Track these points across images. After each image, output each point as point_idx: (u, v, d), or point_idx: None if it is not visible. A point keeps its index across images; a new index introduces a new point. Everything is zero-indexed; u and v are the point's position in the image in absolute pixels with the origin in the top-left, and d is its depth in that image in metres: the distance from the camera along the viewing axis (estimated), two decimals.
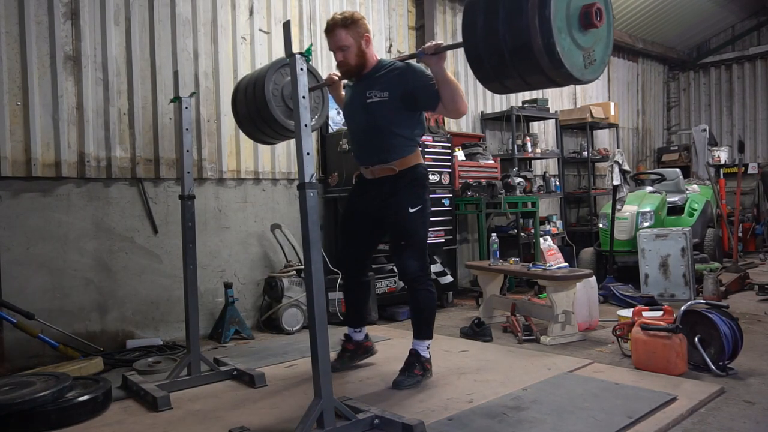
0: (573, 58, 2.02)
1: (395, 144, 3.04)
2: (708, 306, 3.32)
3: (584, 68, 2.08)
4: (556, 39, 1.92)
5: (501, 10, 2.01)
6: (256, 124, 3.23)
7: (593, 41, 2.11)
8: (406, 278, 3.12)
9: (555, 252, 4.41)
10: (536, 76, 2.09)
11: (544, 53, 1.94)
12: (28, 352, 3.65)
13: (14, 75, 3.71)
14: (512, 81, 2.18)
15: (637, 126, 9.87)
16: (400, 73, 2.99)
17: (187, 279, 3.18)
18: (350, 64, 3.03)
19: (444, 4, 6.50)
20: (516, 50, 2.00)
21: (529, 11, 1.93)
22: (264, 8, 4.92)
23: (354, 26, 2.98)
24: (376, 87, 3.01)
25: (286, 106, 3.11)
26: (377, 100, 2.99)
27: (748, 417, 2.52)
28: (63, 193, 3.90)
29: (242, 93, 3.24)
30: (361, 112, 3.08)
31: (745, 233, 8.46)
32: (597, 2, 2.07)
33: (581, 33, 2.05)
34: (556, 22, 1.92)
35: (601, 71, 2.20)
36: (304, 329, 4.45)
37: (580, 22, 2.04)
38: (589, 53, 2.09)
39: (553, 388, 2.89)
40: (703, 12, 9.32)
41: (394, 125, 3.02)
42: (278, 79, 3.10)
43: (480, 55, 2.13)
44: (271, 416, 2.66)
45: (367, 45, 3.04)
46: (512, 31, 1.98)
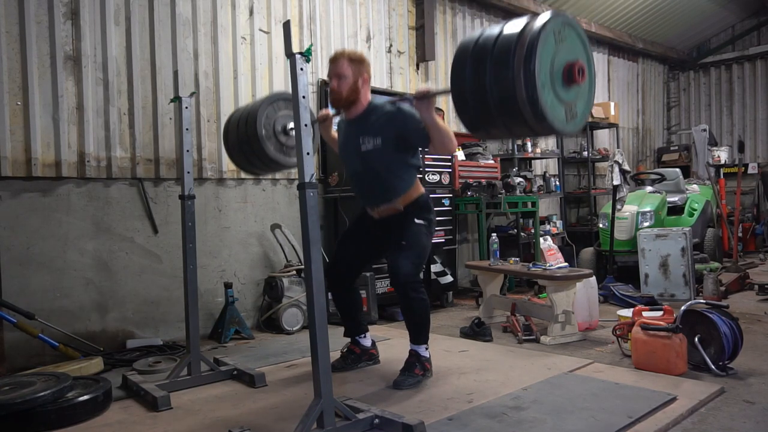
0: (555, 112, 2.09)
1: (395, 184, 3.11)
2: (708, 306, 3.32)
3: (566, 122, 2.16)
4: (540, 93, 2.00)
5: (488, 62, 2.09)
6: (246, 156, 3.26)
7: (575, 96, 2.19)
8: (396, 281, 3.02)
9: (555, 252, 4.41)
10: (520, 127, 2.16)
11: (528, 106, 2.02)
12: (28, 352, 3.66)
13: (14, 75, 3.71)
14: (497, 130, 2.27)
15: (637, 126, 9.87)
16: (391, 118, 3.02)
17: (187, 279, 3.18)
18: (341, 94, 3.06)
19: (444, 4, 6.50)
20: (501, 101, 2.08)
21: (514, 66, 2.01)
22: (264, 8, 4.92)
23: (358, 63, 3.08)
24: (369, 133, 3.05)
25: (277, 141, 3.15)
26: (371, 148, 3.05)
27: (748, 417, 2.52)
28: (63, 193, 3.90)
29: (234, 125, 3.27)
30: (357, 159, 3.12)
31: (745, 233, 8.46)
32: (579, 60, 2.15)
33: (564, 89, 2.13)
34: (540, 77, 2.00)
35: (582, 125, 2.29)
36: (304, 329, 4.45)
37: (563, 78, 2.12)
38: (570, 107, 2.17)
39: (553, 388, 2.89)
40: (703, 12, 9.33)
41: (392, 168, 3.08)
42: (270, 114, 3.14)
43: (467, 103, 2.20)
44: (271, 416, 2.66)
45: (363, 84, 3.09)
46: (498, 84, 2.06)
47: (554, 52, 2.08)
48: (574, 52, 2.18)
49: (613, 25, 8.67)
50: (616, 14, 8.48)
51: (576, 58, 2.16)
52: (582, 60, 2.18)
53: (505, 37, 2.09)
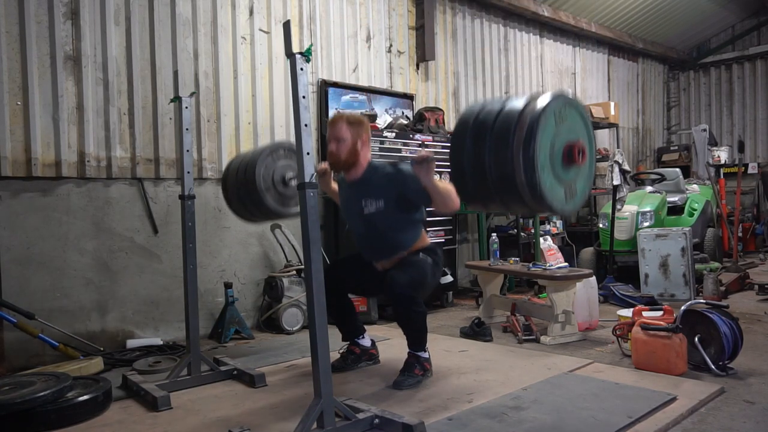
0: (555, 193, 2.08)
1: (400, 241, 3.11)
2: (708, 306, 3.32)
3: (565, 201, 2.14)
4: (539, 176, 1.99)
5: (488, 139, 2.07)
6: (245, 206, 3.29)
7: (575, 175, 2.18)
8: (393, 291, 2.93)
9: (555, 252, 4.41)
10: (519, 206, 2.16)
11: (527, 188, 2.01)
12: (28, 352, 3.66)
13: (14, 75, 3.71)
14: (495, 206, 2.26)
15: (637, 126, 9.87)
16: (391, 179, 3.03)
17: (187, 279, 3.18)
18: (340, 157, 3.06)
19: (444, 4, 6.50)
20: (500, 181, 2.06)
21: (514, 147, 1.99)
22: (264, 8, 4.92)
23: (357, 126, 3.08)
24: (370, 195, 3.05)
25: (276, 191, 3.16)
26: (374, 211, 3.05)
27: (748, 417, 2.52)
28: (63, 193, 3.90)
29: (233, 174, 3.29)
30: (360, 221, 3.13)
31: (745, 233, 8.46)
32: (580, 141, 2.13)
33: (563, 169, 2.12)
34: (540, 160, 1.99)
35: (582, 203, 2.29)
36: (304, 329, 4.45)
37: (563, 159, 2.11)
38: (570, 186, 2.16)
39: (553, 388, 2.89)
40: (703, 12, 9.32)
41: (396, 227, 3.09)
42: (269, 164, 3.15)
43: (465, 178, 2.19)
44: (271, 416, 2.66)
45: (362, 146, 3.09)
46: (497, 164, 2.05)
47: (554, 133, 2.06)
48: (575, 131, 2.15)
49: (613, 25, 8.67)
50: (616, 14, 8.48)
51: (577, 139, 2.13)
52: (583, 139, 2.16)
53: (505, 115, 2.07)
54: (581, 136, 2.17)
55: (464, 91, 6.71)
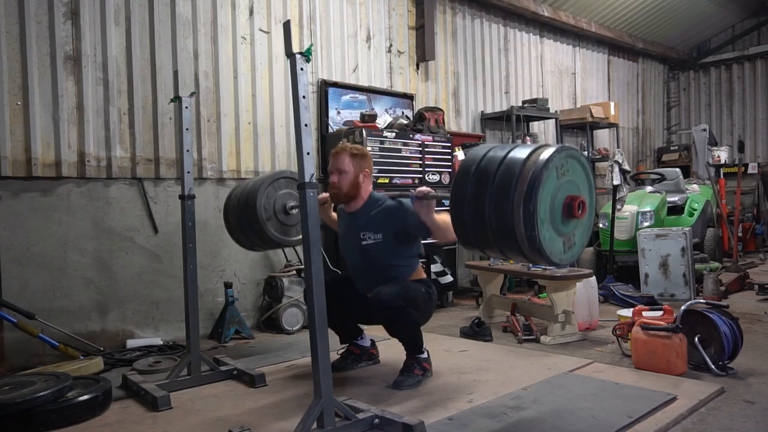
0: (553, 246, 2.09)
1: (394, 274, 3.08)
2: (708, 306, 3.32)
3: (563, 253, 2.15)
4: (539, 230, 2.00)
5: (489, 190, 2.08)
6: (247, 235, 3.30)
7: (574, 227, 2.18)
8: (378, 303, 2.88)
9: None
10: (517, 255, 2.17)
11: (526, 241, 2.02)
12: (28, 352, 3.66)
13: (14, 75, 3.71)
14: (493, 252, 2.28)
15: (637, 126, 9.87)
16: (391, 214, 3.03)
17: (187, 279, 3.18)
18: (342, 189, 3.06)
19: (444, 4, 6.50)
20: (499, 231, 2.07)
21: (515, 201, 2.00)
22: (264, 8, 4.92)
23: (360, 158, 3.08)
24: (370, 228, 3.05)
25: (277, 221, 3.18)
26: (372, 242, 3.04)
27: (748, 417, 2.52)
28: (63, 193, 3.90)
29: (234, 203, 3.30)
30: (358, 252, 3.12)
31: (745, 233, 8.46)
32: (581, 196, 2.14)
33: (563, 223, 2.13)
34: (540, 213, 2.00)
35: (580, 253, 2.29)
36: (304, 329, 4.45)
37: (563, 212, 2.12)
38: (569, 238, 2.17)
39: (553, 388, 2.89)
40: (703, 12, 9.32)
41: (393, 261, 3.08)
42: (271, 193, 3.17)
43: (465, 224, 2.19)
44: (271, 416, 2.66)
45: (364, 179, 3.10)
46: (497, 215, 2.06)
47: (556, 187, 2.07)
48: (576, 184, 2.16)
49: (613, 25, 8.67)
50: (616, 14, 8.48)
51: (578, 193, 2.14)
52: (583, 193, 2.17)
53: (507, 165, 2.07)
54: (582, 190, 2.18)
55: (464, 91, 6.71)
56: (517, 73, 7.44)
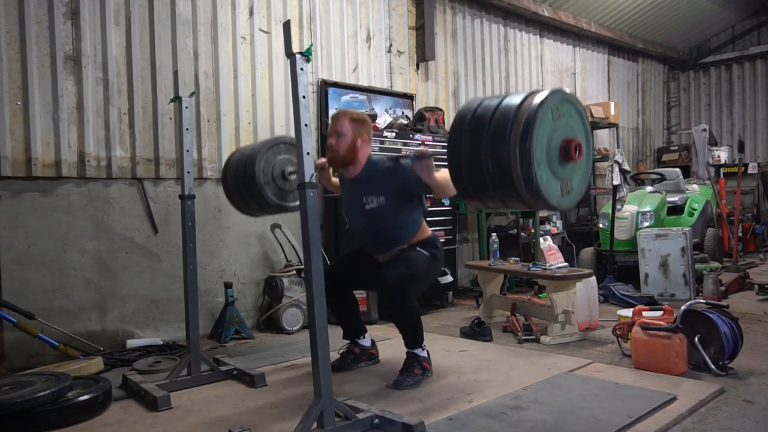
0: (550, 189, 2.09)
1: (401, 234, 3.13)
2: (708, 306, 3.32)
3: (561, 197, 2.16)
4: (535, 171, 2.00)
5: (485, 136, 2.09)
6: (244, 199, 3.28)
7: (571, 172, 2.19)
8: (383, 285, 2.97)
9: (555, 252, 4.41)
10: (515, 201, 2.17)
11: (523, 183, 2.02)
12: (28, 352, 3.66)
13: (14, 75, 3.71)
14: (492, 202, 2.26)
15: (637, 126, 9.87)
16: (391, 174, 3.04)
17: (187, 279, 3.18)
18: (339, 152, 3.07)
19: (444, 4, 6.50)
20: (497, 176, 2.08)
21: (510, 142, 2.01)
22: (264, 8, 4.92)
23: (359, 123, 3.09)
24: (371, 192, 3.07)
25: (275, 186, 3.17)
26: (375, 206, 3.06)
27: (748, 417, 2.52)
28: (63, 193, 3.90)
29: (233, 168, 3.28)
30: (362, 217, 3.14)
31: (745, 233, 8.46)
32: (577, 138, 2.15)
33: (560, 165, 2.13)
34: (536, 154, 2.00)
35: (578, 199, 2.29)
36: (304, 329, 4.45)
37: (559, 155, 2.12)
38: (566, 183, 2.17)
39: (553, 388, 2.89)
40: (703, 12, 9.32)
41: (397, 221, 3.10)
42: (270, 158, 3.15)
43: (462, 174, 2.20)
44: (271, 416, 2.66)
45: (362, 144, 3.10)
46: (494, 159, 2.06)
47: (552, 129, 2.08)
48: (572, 128, 2.17)
49: (613, 25, 8.67)
50: (616, 14, 8.48)
51: (573, 135, 2.15)
52: (580, 136, 2.17)
53: (502, 110, 2.08)
54: (578, 133, 2.19)
55: (464, 91, 6.71)
56: (517, 73, 7.45)
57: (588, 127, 2.26)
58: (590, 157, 2.28)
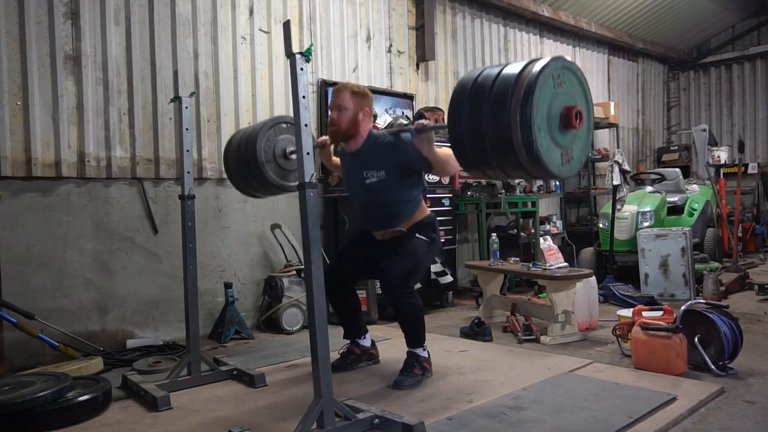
0: (551, 156, 2.09)
1: (400, 211, 3.12)
2: (708, 306, 3.32)
3: (561, 165, 2.16)
4: (536, 137, 2.00)
5: (486, 104, 2.10)
6: (246, 179, 3.28)
7: (572, 140, 2.19)
8: (386, 283, 3.02)
9: (555, 252, 4.41)
10: (515, 169, 2.17)
11: (523, 149, 2.03)
12: (28, 352, 3.66)
13: (14, 75, 3.71)
14: (493, 171, 2.27)
15: (637, 126, 9.87)
16: (392, 149, 3.04)
17: (187, 279, 3.18)
18: (340, 126, 3.07)
19: (444, 4, 6.50)
20: (497, 143, 2.08)
21: (511, 108, 2.01)
22: (264, 8, 4.92)
23: (361, 97, 3.09)
24: (372, 166, 3.06)
25: (276, 165, 3.16)
26: (376, 180, 3.06)
27: (748, 417, 2.52)
28: (63, 193, 3.90)
29: (234, 148, 3.28)
30: (362, 191, 3.14)
31: (745, 233, 8.46)
32: (578, 106, 2.15)
33: (561, 133, 2.13)
34: (537, 121, 2.01)
35: (579, 168, 2.30)
36: (304, 329, 4.45)
37: (560, 122, 2.12)
38: (567, 151, 2.17)
39: (553, 388, 2.89)
40: (703, 12, 9.33)
41: (397, 197, 3.10)
42: (271, 137, 3.15)
43: (463, 142, 2.20)
44: (271, 416, 2.66)
45: (363, 118, 3.11)
46: (494, 125, 2.07)
47: (552, 96, 2.08)
48: (573, 95, 2.17)
49: (613, 25, 8.67)
50: (616, 14, 8.48)
51: (574, 103, 2.15)
52: (580, 105, 2.17)
53: (503, 78, 2.09)
54: (579, 102, 2.19)
55: None
56: None
57: (589, 96, 2.26)
58: (591, 128, 2.28)
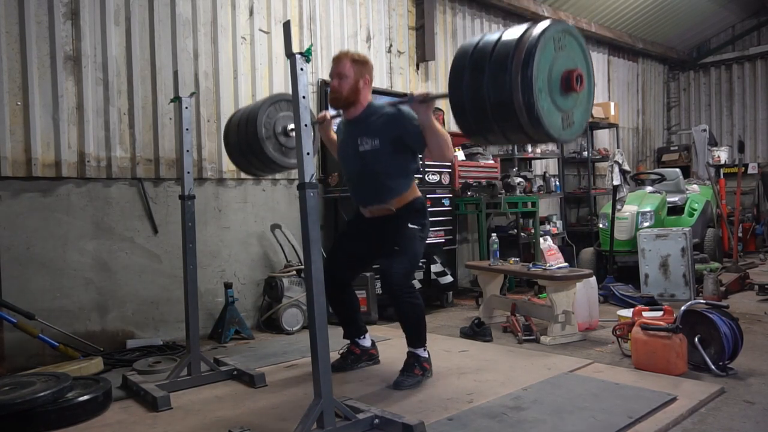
0: (552, 119, 2.10)
1: (391, 185, 3.10)
2: (708, 306, 3.32)
3: (562, 129, 2.16)
4: (537, 99, 2.01)
5: (487, 67, 2.11)
6: (246, 156, 3.27)
7: (573, 105, 2.20)
8: (388, 286, 3.03)
9: (555, 252, 4.41)
10: (516, 133, 2.17)
11: (524, 111, 2.03)
12: (28, 352, 3.65)
13: (14, 75, 3.71)
14: (494, 136, 2.27)
15: (637, 126, 9.87)
16: (390, 120, 3.03)
17: (187, 279, 3.18)
18: (342, 93, 3.07)
19: (444, 4, 6.50)
20: (498, 106, 2.09)
21: (512, 70, 2.02)
22: (264, 8, 4.92)
23: (361, 64, 3.10)
24: (367, 134, 3.06)
25: (277, 141, 3.16)
26: (369, 149, 3.05)
27: (748, 417, 2.52)
28: (63, 193, 3.90)
29: (234, 126, 3.28)
30: (355, 159, 3.12)
31: (745, 233, 8.46)
32: (578, 69, 2.16)
33: (561, 96, 2.14)
34: (538, 83, 2.02)
35: (579, 133, 2.30)
36: (304, 329, 4.45)
37: (560, 85, 2.13)
38: (568, 115, 2.18)
39: (553, 388, 2.89)
40: (703, 12, 9.33)
41: (389, 169, 3.08)
42: (272, 114, 3.15)
43: (464, 107, 2.21)
44: (271, 416, 2.66)
45: (364, 85, 3.11)
46: (495, 88, 2.08)
47: (553, 59, 2.09)
48: (573, 60, 2.18)
49: (613, 25, 8.67)
50: (616, 14, 8.48)
51: (575, 66, 2.16)
52: (581, 68, 2.18)
53: (504, 42, 2.10)
54: (579, 66, 2.20)
55: None
56: None
57: (590, 61, 2.27)
58: (591, 93, 2.29)
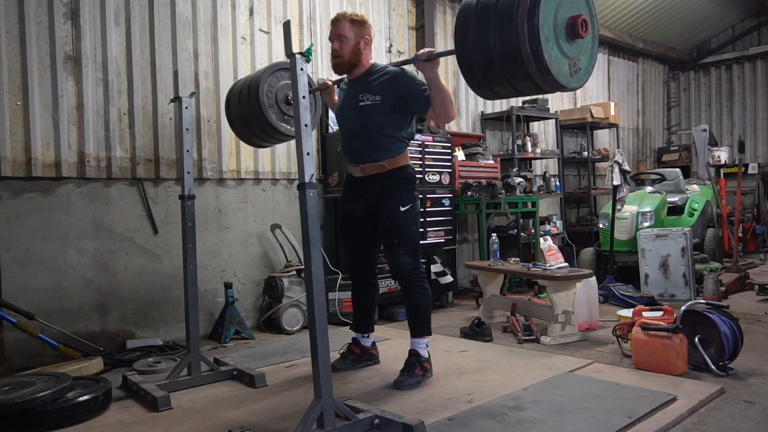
0: (559, 66, 2.13)
1: (385, 144, 3.11)
2: (708, 306, 3.32)
3: (570, 76, 2.19)
4: (544, 47, 2.03)
5: (492, 19, 2.12)
6: (248, 125, 3.26)
7: (579, 51, 2.23)
8: (399, 276, 3.16)
9: (555, 252, 4.41)
10: (524, 82, 2.19)
11: (532, 60, 2.05)
12: (28, 352, 3.65)
13: (14, 75, 3.71)
14: (501, 87, 2.28)
15: (637, 126, 9.87)
16: (393, 78, 3.06)
17: (187, 279, 3.18)
18: (343, 56, 3.09)
19: (444, 4, 6.50)
20: (505, 57, 2.11)
21: (518, 20, 2.04)
22: (264, 8, 4.92)
23: (360, 25, 3.11)
24: (369, 91, 3.07)
25: (279, 110, 3.15)
26: (369, 104, 3.06)
27: (748, 417, 2.52)
28: (63, 193, 3.90)
29: (236, 95, 3.27)
30: (354, 114, 3.13)
31: (745, 233, 8.46)
32: (582, 14, 2.18)
33: (567, 42, 2.17)
34: (544, 31, 2.04)
35: (586, 80, 2.33)
36: (304, 329, 4.45)
37: (566, 32, 2.16)
38: (574, 62, 2.21)
39: (553, 388, 2.89)
40: (703, 12, 9.33)
41: (385, 126, 3.08)
42: (273, 82, 3.14)
43: (471, 61, 2.23)
44: (271, 416, 2.66)
45: (364, 46, 3.13)
46: (502, 39, 2.09)
47: (557, 5, 2.11)
48: (577, 6, 2.21)
49: (613, 25, 8.67)
50: (616, 14, 8.48)
51: (579, 12, 2.18)
52: (585, 14, 2.21)
53: None
54: (583, 11, 2.22)
55: (464, 91, 6.70)
56: None
57: (592, 7, 2.29)
58: (596, 38, 2.32)
